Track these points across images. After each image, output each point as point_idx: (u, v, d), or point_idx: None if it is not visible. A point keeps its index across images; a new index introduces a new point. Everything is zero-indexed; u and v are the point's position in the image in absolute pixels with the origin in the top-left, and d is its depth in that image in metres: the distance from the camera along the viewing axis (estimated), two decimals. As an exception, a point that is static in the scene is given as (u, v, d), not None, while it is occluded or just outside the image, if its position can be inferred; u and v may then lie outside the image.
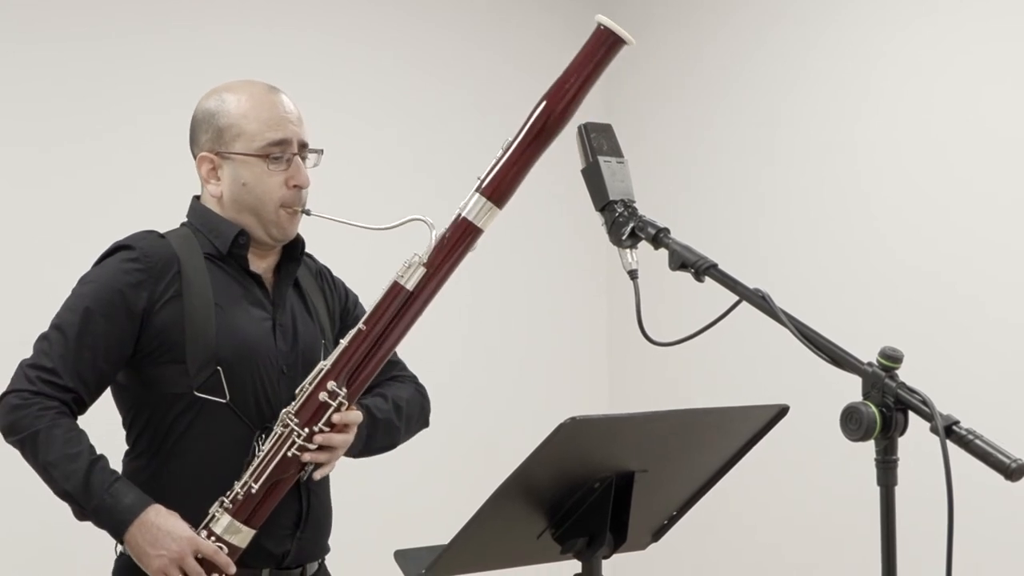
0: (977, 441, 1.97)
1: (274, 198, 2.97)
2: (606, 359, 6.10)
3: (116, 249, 2.98)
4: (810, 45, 5.32)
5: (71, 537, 3.22)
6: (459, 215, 2.86)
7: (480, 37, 5.96)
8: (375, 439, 3.10)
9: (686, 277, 2.33)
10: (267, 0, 5.43)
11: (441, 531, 2.55)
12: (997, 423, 2.73)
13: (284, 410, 2.87)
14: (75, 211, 4.85)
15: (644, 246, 2.41)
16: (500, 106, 5.66)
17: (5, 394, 2.89)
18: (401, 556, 2.61)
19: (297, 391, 2.89)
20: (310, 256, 3.22)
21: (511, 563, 2.71)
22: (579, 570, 2.57)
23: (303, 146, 3.02)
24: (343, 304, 3.27)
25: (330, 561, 3.16)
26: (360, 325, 2.88)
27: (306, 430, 2.84)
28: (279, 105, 3.02)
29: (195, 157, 3.06)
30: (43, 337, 2.93)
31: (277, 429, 2.86)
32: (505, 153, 2.83)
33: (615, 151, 2.51)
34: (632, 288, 2.39)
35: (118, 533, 2.82)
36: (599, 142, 2.50)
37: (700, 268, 2.30)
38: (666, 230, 2.39)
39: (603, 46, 2.74)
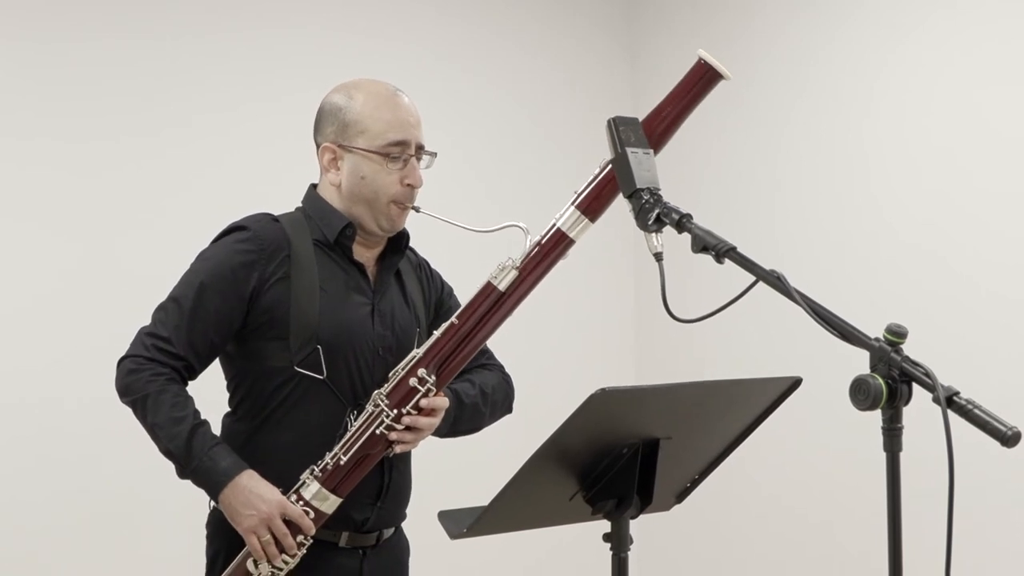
0: (976, 410, 1.96)
1: (388, 193, 2.99)
2: (633, 335, 6.10)
3: (232, 229, 3.02)
4: (821, 45, 5.31)
5: (171, 490, 3.25)
6: (554, 225, 2.85)
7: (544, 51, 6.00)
8: (461, 422, 3.11)
9: (707, 259, 2.32)
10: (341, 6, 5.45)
11: (481, 494, 2.56)
12: (995, 394, 2.72)
13: (376, 391, 2.88)
14: (144, 196, 4.88)
15: (668, 231, 2.40)
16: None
17: (123, 359, 2.94)
18: (444, 516, 2.61)
19: (391, 374, 2.90)
20: (412, 250, 3.23)
21: (545, 523, 2.72)
22: (608, 530, 2.59)
23: (419, 148, 3.03)
24: (439, 295, 3.28)
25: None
26: (453, 319, 2.88)
27: (395, 411, 2.85)
28: (402, 108, 3.03)
29: (318, 146, 3.08)
30: (161, 307, 2.97)
31: (368, 407, 2.87)
32: (601, 172, 2.79)
33: (641, 143, 2.50)
34: (657, 269, 2.38)
35: (214, 493, 2.86)
36: (627, 134, 2.49)
37: (720, 251, 2.29)
38: (689, 216, 2.38)
39: (701, 79, 2.72)
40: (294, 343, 2.94)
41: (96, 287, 4.75)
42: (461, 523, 2.53)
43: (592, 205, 2.81)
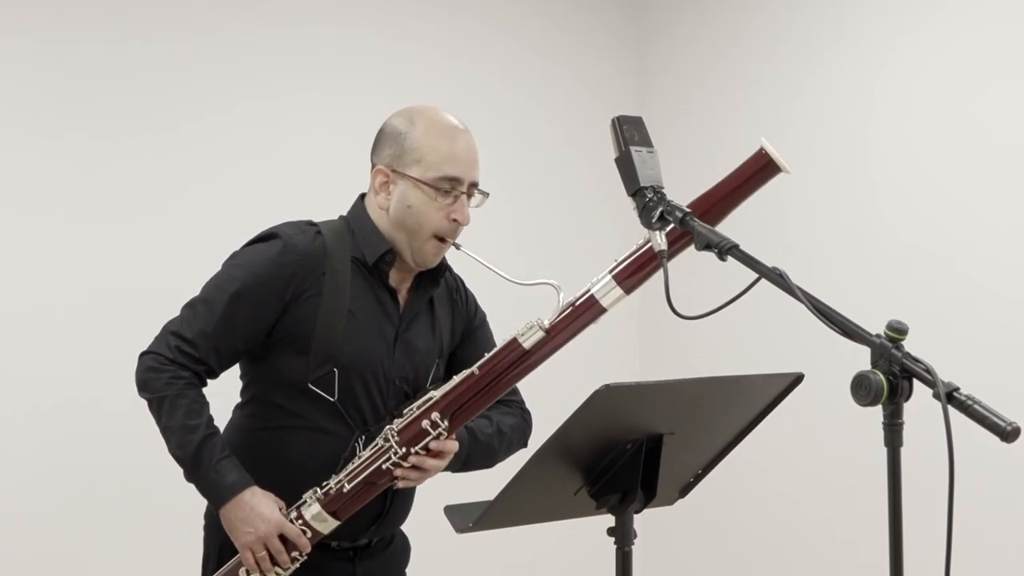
0: (976, 406, 1.96)
1: (432, 226, 2.92)
2: (637, 331, 6.09)
3: (271, 237, 2.95)
4: (825, 45, 5.31)
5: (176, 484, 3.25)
6: (588, 292, 2.76)
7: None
8: (473, 460, 3.06)
9: (710, 257, 2.32)
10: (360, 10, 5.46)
11: (486, 488, 2.57)
12: (994, 389, 2.72)
13: (389, 426, 2.85)
14: (144, 197, 4.88)
15: (672, 228, 2.41)
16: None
17: (145, 353, 2.91)
18: (451, 511, 2.61)
19: (405, 410, 2.86)
20: (448, 268, 3.15)
21: (550, 517, 2.73)
22: (612, 524, 2.59)
23: (473, 186, 2.97)
24: (469, 322, 3.22)
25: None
26: (474, 368, 2.81)
27: (403, 449, 2.81)
28: (461, 143, 2.97)
29: (373, 165, 3.01)
30: (189, 306, 2.93)
31: (379, 441, 2.84)
32: (644, 245, 2.69)
33: (645, 141, 2.50)
34: (661, 267, 2.38)
35: (216, 505, 2.86)
36: (631, 133, 2.48)
37: (723, 248, 2.29)
38: (692, 214, 2.39)
39: (757, 168, 2.59)
40: (312, 361, 2.90)
41: (96, 287, 4.75)
42: (467, 517, 2.55)
43: (629, 280, 2.72)
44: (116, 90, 4.84)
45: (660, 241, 2.40)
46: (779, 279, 2.20)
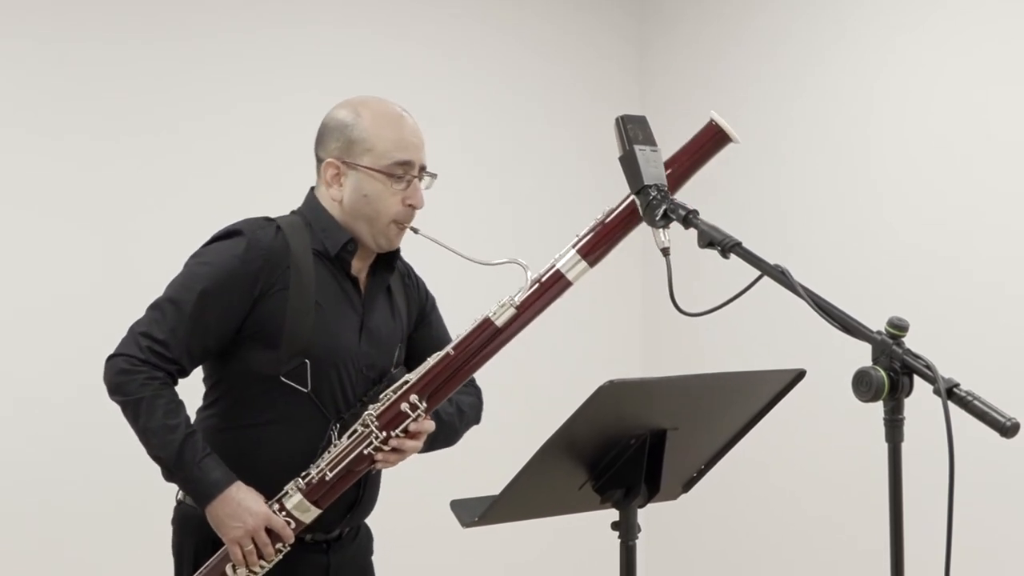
0: (976, 402, 1.99)
1: (390, 213, 2.98)
2: (640, 328, 6.11)
3: (234, 234, 2.98)
4: (825, 44, 5.33)
5: (142, 481, 3.25)
6: (554, 267, 2.82)
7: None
8: (438, 440, 3.11)
9: (713, 254, 2.35)
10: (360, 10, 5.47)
11: (489, 484, 2.59)
12: (994, 386, 2.75)
13: (367, 412, 2.89)
14: (143, 197, 4.91)
15: (675, 226, 2.42)
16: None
17: (114, 356, 2.90)
18: (456, 505, 2.64)
19: (382, 396, 2.91)
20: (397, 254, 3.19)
21: (555, 512, 2.76)
22: (616, 518, 2.62)
23: (422, 168, 3.02)
24: (422, 307, 3.28)
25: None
26: (449, 349, 2.87)
27: (384, 433, 2.86)
28: (408, 128, 3.02)
29: (320, 160, 3.05)
30: (156, 307, 2.93)
31: (358, 427, 2.88)
32: (605, 219, 2.79)
33: (649, 140, 2.53)
34: (664, 264, 2.41)
35: (202, 503, 2.88)
36: (635, 132, 2.51)
37: (726, 246, 2.32)
38: (695, 212, 2.41)
39: (710, 140, 2.74)
40: (283, 354, 2.93)
41: (96, 287, 4.78)
42: (472, 512, 2.57)
43: (592, 252, 2.81)
44: (116, 90, 4.86)
45: (663, 239, 2.43)
46: (781, 276, 2.23)
